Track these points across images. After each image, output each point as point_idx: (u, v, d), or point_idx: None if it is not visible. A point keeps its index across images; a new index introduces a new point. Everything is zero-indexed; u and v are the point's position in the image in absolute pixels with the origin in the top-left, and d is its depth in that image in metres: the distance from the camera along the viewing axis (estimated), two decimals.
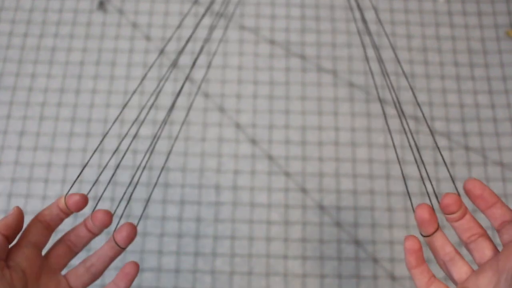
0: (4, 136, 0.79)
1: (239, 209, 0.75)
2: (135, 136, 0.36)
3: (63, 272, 0.79)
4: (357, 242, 0.73)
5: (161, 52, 0.75)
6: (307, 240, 0.73)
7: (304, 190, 0.76)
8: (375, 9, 0.87)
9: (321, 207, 0.75)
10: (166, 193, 0.75)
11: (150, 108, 0.38)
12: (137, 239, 0.73)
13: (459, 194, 0.32)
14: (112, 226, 0.75)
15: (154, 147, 0.38)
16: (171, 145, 0.78)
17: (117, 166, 0.33)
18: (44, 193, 0.75)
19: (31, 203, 0.75)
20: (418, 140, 0.79)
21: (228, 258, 0.72)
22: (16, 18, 0.87)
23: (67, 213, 0.33)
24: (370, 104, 0.81)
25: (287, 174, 0.77)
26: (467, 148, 0.79)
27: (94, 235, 0.34)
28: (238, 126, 0.80)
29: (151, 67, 0.37)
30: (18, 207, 0.32)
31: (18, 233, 0.31)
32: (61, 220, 0.34)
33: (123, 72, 0.83)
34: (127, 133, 0.41)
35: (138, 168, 0.35)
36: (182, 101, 0.80)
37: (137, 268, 0.34)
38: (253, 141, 0.79)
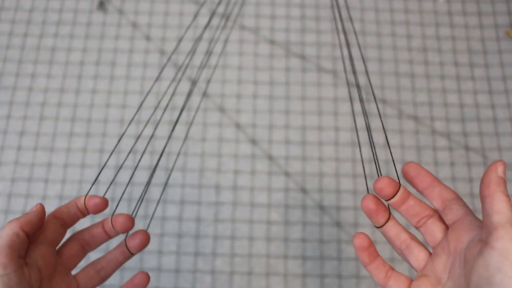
0: (4, 136, 0.79)
1: (239, 209, 0.75)
2: (139, 137, 0.36)
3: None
4: None
5: (175, 49, 0.75)
6: (307, 240, 0.73)
7: (304, 190, 0.76)
8: (348, 8, 0.87)
9: (321, 207, 0.75)
10: (166, 193, 0.75)
11: (165, 109, 0.38)
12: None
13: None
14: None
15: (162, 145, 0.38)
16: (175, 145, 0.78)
17: (120, 167, 0.33)
18: (44, 193, 0.75)
19: (31, 203, 0.75)
20: (418, 140, 0.79)
21: (228, 258, 0.72)
22: (16, 18, 0.87)
23: (84, 213, 0.33)
24: (370, 104, 0.81)
25: (287, 174, 0.77)
26: (467, 148, 0.79)
27: (110, 237, 0.34)
28: (238, 126, 0.80)
29: (164, 66, 0.37)
30: (41, 204, 0.31)
31: (38, 230, 0.30)
32: (78, 219, 0.33)
33: (123, 72, 0.83)
34: (140, 134, 0.41)
35: (136, 168, 0.35)
36: (181, 101, 0.80)
37: (147, 280, 0.33)
38: (253, 141, 0.79)
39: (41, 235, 0.31)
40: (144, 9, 0.87)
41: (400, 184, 0.31)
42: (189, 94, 0.73)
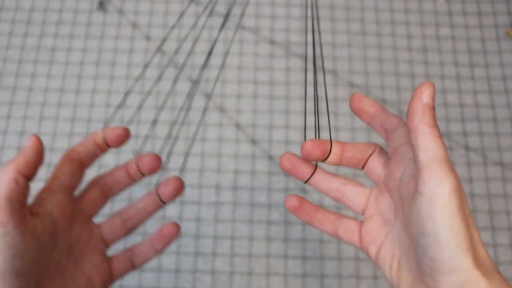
0: (4, 136, 0.79)
1: (239, 209, 0.75)
2: (142, 137, 0.36)
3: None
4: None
5: (179, 49, 0.75)
6: (307, 240, 0.73)
7: (304, 190, 0.76)
8: (316, 7, 0.87)
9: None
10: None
11: (177, 110, 0.38)
12: (137, 239, 0.73)
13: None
14: None
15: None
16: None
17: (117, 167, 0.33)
18: None
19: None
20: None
21: (228, 258, 0.72)
22: (16, 18, 0.87)
23: (104, 149, 0.29)
24: None
25: (287, 174, 0.77)
26: (467, 148, 0.79)
27: (134, 181, 0.30)
28: (238, 126, 0.80)
29: (165, 67, 0.37)
30: (36, 136, 0.26)
31: (39, 167, 0.26)
32: (97, 157, 0.29)
33: (123, 72, 0.83)
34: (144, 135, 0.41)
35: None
36: (181, 100, 0.80)
37: (178, 230, 0.30)
38: (253, 141, 0.79)
39: (56, 181, 0.28)
40: (144, 9, 0.87)
41: (331, 142, 0.28)
42: (190, 94, 0.73)
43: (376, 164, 0.28)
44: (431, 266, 0.21)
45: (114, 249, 0.31)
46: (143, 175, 0.30)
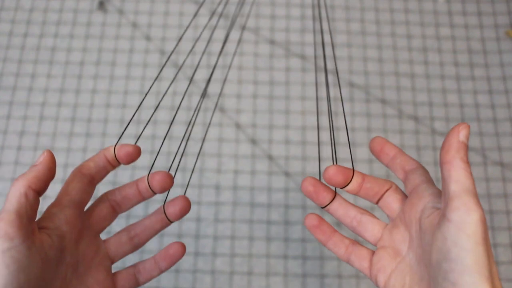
0: (4, 136, 0.79)
1: (239, 209, 0.75)
2: (140, 136, 0.37)
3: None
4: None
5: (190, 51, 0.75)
6: (307, 240, 0.73)
7: None
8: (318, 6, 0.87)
9: (321, 207, 0.75)
10: (166, 193, 0.75)
11: (165, 110, 0.38)
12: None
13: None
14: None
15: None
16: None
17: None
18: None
19: None
20: (418, 140, 0.79)
21: (228, 258, 0.72)
22: (16, 18, 0.87)
23: (115, 165, 0.29)
24: (370, 104, 0.81)
25: (287, 174, 0.77)
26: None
27: (144, 199, 0.31)
28: (238, 126, 0.80)
29: (166, 65, 0.37)
30: (48, 151, 0.26)
31: (49, 182, 0.26)
32: (107, 173, 0.30)
33: (123, 72, 0.83)
34: (141, 134, 0.41)
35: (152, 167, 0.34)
36: (182, 102, 0.80)
37: (183, 251, 0.30)
38: (253, 141, 0.79)
39: (67, 196, 0.27)
40: (144, 9, 0.87)
41: (353, 171, 0.30)
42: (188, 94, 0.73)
43: (392, 199, 0.30)
44: None
45: (115, 266, 0.31)
46: (154, 192, 0.30)
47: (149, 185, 0.29)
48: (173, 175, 0.30)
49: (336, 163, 0.31)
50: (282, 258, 0.72)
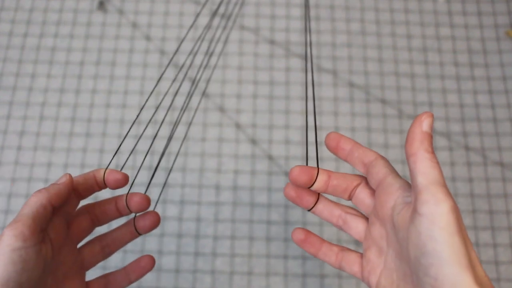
0: (4, 136, 0.79)
1: (239, 209, 0.75)
2: (140, 137, 0.37)
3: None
4: (357, 242, 0.73)
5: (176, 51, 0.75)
6: None
7: None
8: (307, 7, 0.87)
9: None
10: (166, 193, 0.75)
11: (165, 109, 0.38)
12: (137, 239, 0.73)
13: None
14: None
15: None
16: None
17: (122, 167, 0.33)
18: None
19: None
20: None
21: (228, 258, 0.72)
22: (16, 18, 0.87)
23: (101, 188, 0.30)
24: (370, 104, 0.81)
25: (287, 174, 0.77)
26: (467, 148, 0.79)
27: (121, 216, 0.32)
28: (238, 126, 0.80)
29: (166, 67, 0.37)
30: (70, 176, 0.28)
31: (64, 202, 0.28)
32: (93, 192, 0.31)
33: (123, 72, 0.83)
34: (142, 134, 0.41)
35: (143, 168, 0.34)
36: (182, 101, 0.80)
37: (153, 263, 0.32)
38: (253, 141, 0.79)
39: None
40: (144, 9, 0.87)
41: (318, 169, 0.29)
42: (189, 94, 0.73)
43: (364, 195, 0.29)
44: (433, 285, 0.22)
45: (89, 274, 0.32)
46: (130, 211, 0.31)
47: (127, 205, 0.31)
48: (168, 174, 0.31)
49: (307, 164, 0.31)
50: (282, 258, 0.72)
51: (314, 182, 0.29)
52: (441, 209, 0.22)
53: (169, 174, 0.73)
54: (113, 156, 0.34)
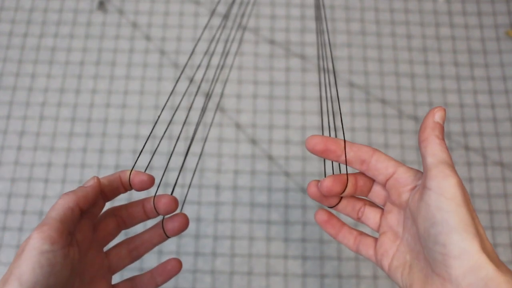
0: (4, 136, 0.79)
1: (239, 209, 0.75)
2: (149, 137, 0.37)
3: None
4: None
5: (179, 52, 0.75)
6: (307, 240, 0.73)
7: (304, 190, 0.76)
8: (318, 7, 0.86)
9: (321, 207, 0.75)
10: (166, 193, 0.75)
11: (168, 110, 0.38)
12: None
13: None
14: None
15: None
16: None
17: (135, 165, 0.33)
18: (44, 193, 0.75)
19: (31, 203, 0.75)
20: (417, 140, 0.79)
21: (228, 258, 0.72)
22: (16, 18, 0.87)
23: (127, 189, 0.30)
24: (370, 104, 0.81)
25: (287, 174, 0.77)
26: (467, 148, 0.79)
27: (149, 218, 0.31)
28: (238, 126, 0.80)
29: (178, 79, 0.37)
30: (98, 178, 0.28)
31: (91, 206, 0.28)
32: (119, 194, 0.30)
33: (123, 72, 0.83)
34: (149, 135, 0.41)
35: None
36: (182, 102, 0.80)
37: (180, 267, 0.31)
38: (253, 141, 0.79)
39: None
40: (144, 9, 0.87)
41: (347, 174, 0.30)
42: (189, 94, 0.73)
43: (379, 188, 0.31)
44: (442, 252, 0.23)
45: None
46: (158, 214, 0.31)
47: (154, 207, 0.30)
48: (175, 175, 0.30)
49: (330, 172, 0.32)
50: (282, 258, 0.72)
51: (345, 188, 0.30)
52: (449, 182, 0.24)
53: (163, 173, 0.73)
54: (137, 158, 0.33)
